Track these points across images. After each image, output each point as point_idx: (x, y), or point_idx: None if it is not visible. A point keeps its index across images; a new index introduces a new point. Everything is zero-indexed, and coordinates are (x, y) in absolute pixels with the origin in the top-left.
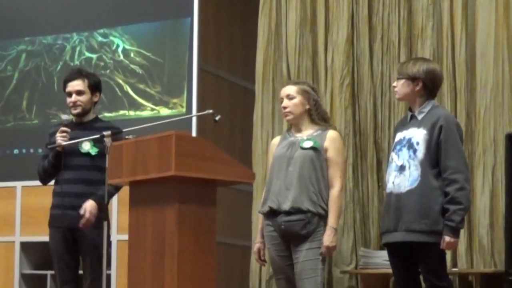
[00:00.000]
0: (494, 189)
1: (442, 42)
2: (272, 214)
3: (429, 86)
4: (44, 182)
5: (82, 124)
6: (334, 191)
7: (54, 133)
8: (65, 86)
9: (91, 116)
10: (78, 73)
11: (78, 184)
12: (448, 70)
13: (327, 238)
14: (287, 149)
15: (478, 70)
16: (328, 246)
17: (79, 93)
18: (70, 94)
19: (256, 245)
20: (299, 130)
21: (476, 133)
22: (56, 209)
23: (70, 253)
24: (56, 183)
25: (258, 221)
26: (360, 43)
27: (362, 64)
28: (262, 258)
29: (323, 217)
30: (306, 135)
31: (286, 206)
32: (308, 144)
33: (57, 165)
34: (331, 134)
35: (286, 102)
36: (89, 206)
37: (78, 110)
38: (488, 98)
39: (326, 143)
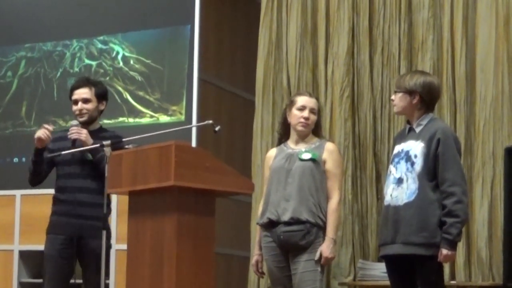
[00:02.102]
0: (493, 202)
1: (442, 55)
2: (270, 225)
3: (426, 99)
4: (32, 182)
5: (88, 132)
6: (333, 202)
7: (58, 139)
8: (71, 94)
9: (96, 126)
10: (85, 81)
11: (83, 193)
12: (448, 83)
13: (326, 249)
14: (285, 161)
15: (478, 83)
16: (327, 257)
17: (86, 101)
18: (76, 102)
19: (254, 257)
20: (297, 142)
21: (475, 147)
22: (59, 216)
23: (66, 261)
24: (59, 190)
25: (256, 232)
26: (360, 55)
27: (362, 76)
28: (260, 270)
29: (322, 228)
30: (304, 147)
31: (285, 217)
32: (307, 156)
33: (38, 162)
34: (329, 146)
35: (310, 114)
36: (86, 135)
37: (85, 118)
38: (487, 112)
39: (325, 155)
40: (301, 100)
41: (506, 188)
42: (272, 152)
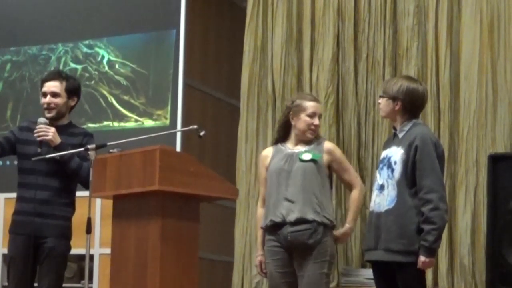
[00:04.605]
0: (476, 209)
1: (427, 62)
2: (275, 227)
3: (407, 106)
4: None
5: (56, 128)
6: (356, 192)
7: (25, 128)
8: (42, 86)
9: (65, 121)
10: (57, 75)
11: (45, 190)
12: (432, 90)
13: (343, 237)
14: (285, 162)
15: (462, 91)
16: (339, 238)
17: (54, 95)
18: (45, 95)
19: (257, 258)
20: (296, 143)
21: (459, 154)
22: (20, 215)
23: (28, 261)
24: (21, 187)
25: (257, 234)
26: (345, 62)
27: (347, 83)
28: (265, 270)
29: (328, 227)
30: (304, 148)
31: (291, 217)
32: (307, 156)
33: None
34: (328, 145)
35: (319, 121)
36: (54, 134)
37: (52, 113)
38: (471, 119)
39: (327, 156)
40: (312, 107)
41: (490, 196)
42: (268, 151)
